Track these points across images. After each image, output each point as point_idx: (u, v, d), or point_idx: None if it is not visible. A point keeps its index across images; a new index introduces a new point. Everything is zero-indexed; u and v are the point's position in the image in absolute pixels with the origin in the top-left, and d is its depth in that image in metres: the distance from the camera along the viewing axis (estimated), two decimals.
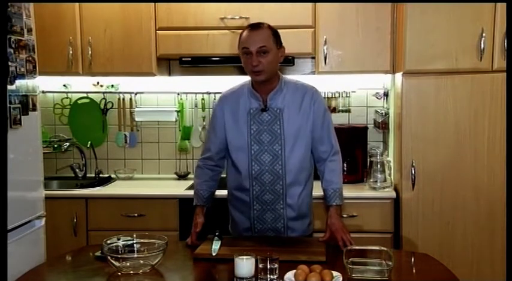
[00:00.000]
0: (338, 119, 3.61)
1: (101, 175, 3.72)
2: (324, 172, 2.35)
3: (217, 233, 2.14)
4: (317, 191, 2.53)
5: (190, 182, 3.48)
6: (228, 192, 2.47)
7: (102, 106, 3.75)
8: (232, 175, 2.40)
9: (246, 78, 2.40)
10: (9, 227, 2.19)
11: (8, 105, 2.24)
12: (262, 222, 2.35)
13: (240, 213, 2.41)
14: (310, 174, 2.42)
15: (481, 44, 2.85)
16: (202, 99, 3.67)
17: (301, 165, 2.33)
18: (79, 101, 3.76)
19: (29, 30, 2.43)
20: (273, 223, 2.35)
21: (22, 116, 2.36)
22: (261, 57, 2.19)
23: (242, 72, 3.42)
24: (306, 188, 2.39)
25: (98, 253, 2.12)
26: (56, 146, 3.67)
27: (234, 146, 2.34)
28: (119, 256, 1.99)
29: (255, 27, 2.25)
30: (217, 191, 3.00)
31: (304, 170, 2.35)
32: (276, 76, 2.31)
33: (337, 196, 2.32)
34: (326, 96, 3.55)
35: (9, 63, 2.26)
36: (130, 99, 3.72)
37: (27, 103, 2.42)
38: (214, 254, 2.06)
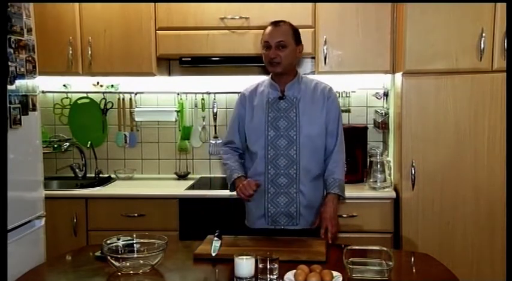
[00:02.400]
0: None
1: (100, 175, 3.71)
2: (328, 163, 2.48)
3: (217, 233, 2.14)
4: None
5: (190, 182, 3.48)
6: None
7: (102, 106, 3.75)
8: (249, 163, 2.51)
9: (247, 79, 2.45)
10: (9, 227, 2.19)
11: (8, 105, 2.25)
12: (276, 205, 2.43)
13: (254, 201, 2.46)
14: (323, 168, 2.50)
15: (481, 44, 2.85)
16: (202, 99, 3.67)
17: (314, 152, 2.45)
18: (79, 101, 3.76)
19: (29, 30, 2.43)
20: (286, 207, 2.43)
21: (22, 116, 2.36)
22: (279, 51, 2.38)
23: (242, 72, 3.45)
24: (319, 179, 2.48)
25: (98, 253, 2.12)
26: (56, 146, 3.67)
27: (252, 132, 2.47)
28: (119, 256, 1.99)
29: (277, 23, 2.43)
30: (219, 191, 3.01)
31: (318, 159, 2.47)
32: (294, 71, 2.50)
33: (336, 185, 2.43)
34: None
35: (9, 63, 2.27)
36: (130, 99, 3.72)
37: (27, 103, 2.42)
38: (214, 254, 2.06)
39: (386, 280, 1.86)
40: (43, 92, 3.64)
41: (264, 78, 2.57)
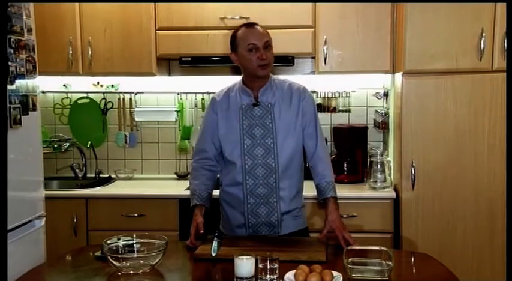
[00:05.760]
0: (338, 119, 3.62)
1: (101, 175, 3.72)
2: (317, 165, 2.38)
3: (217, 233, 2.14)
4: (310, 191, 2.55)
5: None
6: (220, 190, 2.48)
7: (102, 106, 3.75)
8: (225, 171, 2.43)
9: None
10: (9, 227, 2.19)
11: (8, 105, 2.25)
12: (256, 216, 2.36)
13: (233, 209, 2.41)
14: (301, 171, 2.44)
15: (481, 44, 2.85)
16: (202, 99, 3.67)
17: (292, 158, 2.36)
18: (79, 101, 3.77)
19: (29, 30, 2.43)
20: (267, 217, 2.36)
21: (22, 116, 2.36)
22: (267, 52, 2.28)
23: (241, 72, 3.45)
24: (298, 183, 2.42)
25: (98, 253, 2.12)
26: (56, 146, 3.67)
27: (227, 141, 2.37)
28: (119, 256, 1.99)
29: (253, 25, 2.34)
30: (219, 191, 2.99)
31: (296, 164, 2.39)
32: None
33: (331, 188, 2.34)
34: (326, 96, 3.56)
35: (9, 63, 2.27)
36: (130, 99, 3.73)
37: (27, 103, 2.42)
38: (214, 254, 2.06)
39: (387, 280, 1.86)
40: (43, 92, 3.65)
41: (233, 82, 2.45)
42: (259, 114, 2.34)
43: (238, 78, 2.48)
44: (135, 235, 2.13)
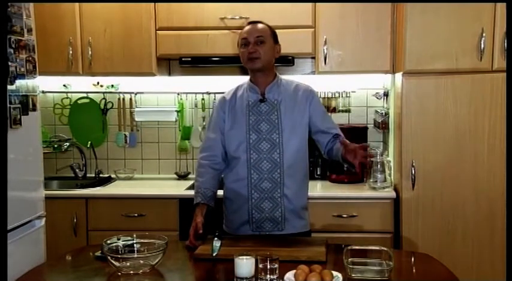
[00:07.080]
0: (338, 119, 3.60)
1: (101, 175, 3.72)
2: (334, 138, 2.42)
3: (217, 233, 2.14)
4: (311, 191, 2.56)
5: (190, 182, 3.48)
6: (224, 189, 2.49)
7: (102, 106, 3.75)
8: (228, 169, 2.45)
9: (246, 79, 2.45)
10: (9, 227, 2.19)
11: (8, 105, 2.25)
12: (260, 211, 2.37)
13: (236, 206, 2.42)
14: (306, 172, 2.47)
15: (481, 44, 2.85)
16: (202, 99, 3.67)
17: (297, 156, 2.39)
18: (79, 101, 3.77)
19: (29, 30, 2.44)
20: (271, 212, 2.37)
21: (22, 116, 2.36)
22: (258, 46, 2.33)
23: (242, 72, 3.45)
24: (302, 182, 2.45)
25: (98, 253, 2.12)
26: (56, 146, 3.67)
27: (232, 137, 2.39)
28: (119, 256, 1.99)
29: (254, 22, 2.41)
30: (219, 191, 3.00)
31: (301, 163, 2.42)
32: (273, 72, 2.43)
33: (342, 136, 2.41)
34: (326, 96, 3.56)
35: (9, 63, 2.27)
36: (130, 99, 3.73)
37: (27, 103, 2.42)
38: (214, 254, 2.06)
39: (387, 280, 1.86)
40: (43, 92, 3.65)
41: (243, 82, 2.47)
42: (265, 110, 2.38)
43: (238, 78, 2.49)
44: (135, 235, 2.13)
